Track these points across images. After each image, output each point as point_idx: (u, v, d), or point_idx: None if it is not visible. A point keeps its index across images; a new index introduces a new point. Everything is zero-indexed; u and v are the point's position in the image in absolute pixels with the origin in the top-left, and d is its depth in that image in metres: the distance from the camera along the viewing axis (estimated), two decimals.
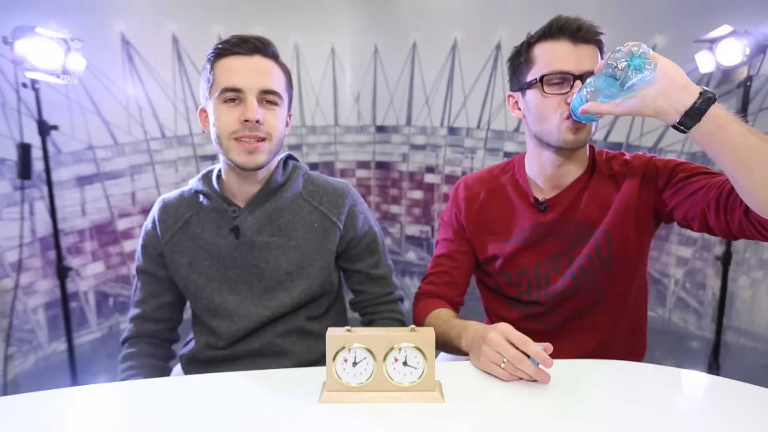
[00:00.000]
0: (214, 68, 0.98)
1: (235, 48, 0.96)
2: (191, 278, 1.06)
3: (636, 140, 2.16)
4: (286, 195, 1.06)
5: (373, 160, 2.59)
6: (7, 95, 1.84)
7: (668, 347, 2.21)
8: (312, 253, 1.06)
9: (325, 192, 1.09)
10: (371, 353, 0.75)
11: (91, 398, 0.81)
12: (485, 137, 2.38)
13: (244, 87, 0.95)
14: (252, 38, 0.97)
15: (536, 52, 0.97)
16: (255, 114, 0.94)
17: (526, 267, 1.08)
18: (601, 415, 0.72)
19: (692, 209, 0.92)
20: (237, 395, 0.78)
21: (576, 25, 0.94)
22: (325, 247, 1.07)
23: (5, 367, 1.94)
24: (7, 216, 1.90)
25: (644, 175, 1.01)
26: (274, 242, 1.04)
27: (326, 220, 1.07)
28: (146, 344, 1.09)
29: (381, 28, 2.41)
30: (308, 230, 1.06)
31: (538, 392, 0.78)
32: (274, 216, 1.05)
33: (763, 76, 1.93)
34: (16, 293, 1.93)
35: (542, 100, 0.96)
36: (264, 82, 0.97)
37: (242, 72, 0.96)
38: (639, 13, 2.02)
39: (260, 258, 1.04)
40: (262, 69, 0.97)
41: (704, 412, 0.73)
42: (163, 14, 2.14)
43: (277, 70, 1.00)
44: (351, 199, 1.10)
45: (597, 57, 0.95)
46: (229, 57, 0.97)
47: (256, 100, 0.96)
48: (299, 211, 1.07)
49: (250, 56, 0.97)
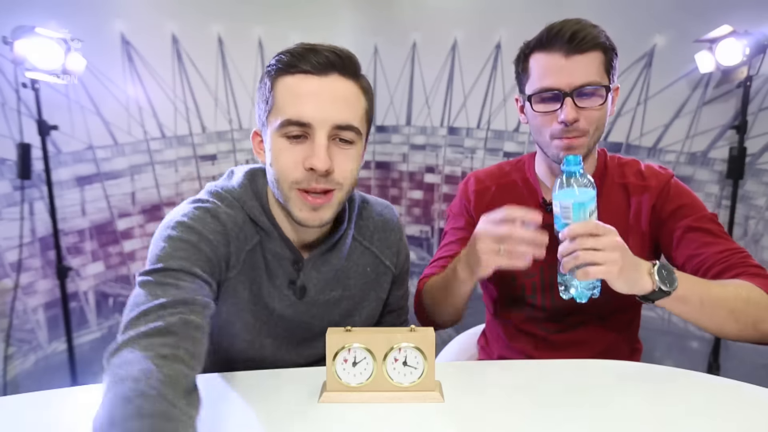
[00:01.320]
0: (275, 87, 0.76)
1: (302, 63, 0.74)
2: (243, 318, 0.84)
3: (636, 140, 2.16)
4: (347, 240, 0.88)
5: (373, 160, 2.59)
6: (7, 95, 1.84)
7: (668, 347, 2.21)
8: (362, 302, 0.92)
9: (376, 228, 0.93)
10: (371, 353, 0.75)
11: (91, 398, 0.81)
12: (485, 137, 2.38)
13: (312, 122, 0.74)
14: (326, 50, 0.75)
15: (531, 63, 0.96)
16: (324, 163, 0.73)
17: (532, 270, 1.02)
18: (601, 415, 0.72)
19: (687, 266, 0.94)
20: (237, 395, 0.78)
21: (569, 33, 0.89)
22: (376, 294, 0.93)
23: (5, 367, 1.94)
24: (7, 216, 1.90)
25: (658, 199, 0.99)
26: (333, 297, 0.88)
27: (379, 264, 0.92)
28: None
29: (381, 28, 2.41)
30: (361, 276, 0.90)
31: (538, 392, 0.78)
32: (337, 267, 0.88)
33: (763, 76, 1.93)
34: (16, 293, 1.93)
35: (535, 116, 0.96)
36: (339, 114, 0.75)
37: (312, 100, 0.74)
38: (639, 13, 2.02)
39: (316, 316, 0.89)
40: (338, 95, 0.75)
41: (704, 412, 0.73)
42: (163, 14, 2.14)
43: (358, 95, 0.78)
44: (400, 232, 0.96)
45: (597, 65, 0.91)
46: (295, 75, 0.75)
47: (328, 138, 0.75)
48: (351, 254, 0.90)
49: (324, 76, 0.75)
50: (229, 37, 2.24)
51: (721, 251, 0.91)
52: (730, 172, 2.03)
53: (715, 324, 0.83)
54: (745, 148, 1.97)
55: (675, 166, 2.12)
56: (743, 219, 2.09)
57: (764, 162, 2.01)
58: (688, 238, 0.94)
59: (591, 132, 0.95)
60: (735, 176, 2.01)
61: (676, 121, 2.10)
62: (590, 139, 0.95)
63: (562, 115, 0.91)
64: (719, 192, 2.10)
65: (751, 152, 1.99)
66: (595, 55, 0.91)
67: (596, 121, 0.94)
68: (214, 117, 2.30)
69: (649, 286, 0.77)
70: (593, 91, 0.92)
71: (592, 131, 0.95)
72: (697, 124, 2.08)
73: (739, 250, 0.92)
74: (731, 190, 2.03)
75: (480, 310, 1.21)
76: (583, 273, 0.75)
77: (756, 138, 1.99)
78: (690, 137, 2.10)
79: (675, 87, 2.07)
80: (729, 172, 2.03)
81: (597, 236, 0.75)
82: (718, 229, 0.95)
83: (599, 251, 0.74)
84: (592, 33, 0.90)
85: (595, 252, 0.74)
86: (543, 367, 0.89)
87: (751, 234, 2.12)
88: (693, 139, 2.09)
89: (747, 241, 2.03)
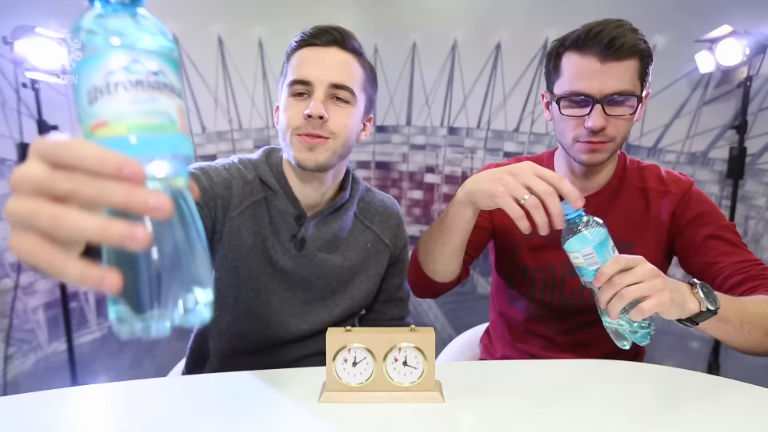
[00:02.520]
0: (290, 61, 0.92)
1: (311, 39, 0.90)
2: (246, 264, 0.95)
3: (636, 140, 2.16)
4: (349, 213, 1.02)
5: (373, 160, 2.59)
6: (7, 95, 1.84)
7: (668, 347, 2.21)
8: (361, 275, 1.03)
9: (377, 211, 1.06)
10: (371, 353, 0.75)
11: (91, 398, 0.81)
12: (485, 137, 2.38)
13: (312, 80, 0.88)
14: (332, 29, 0.91)
15: (563, 63, 0.92)
16: (318, 110, 0.86)
17: (544, 265, 1.05)
18: (601, 415, 0.72)
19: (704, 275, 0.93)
20: (237, 395, 0.78)
21: (608, 39, 0.86)
22: (375, 270, 1.04)
23: (5, 367, 1.94)
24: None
25: (678, 205, 0.98)
26: (330, 260, 1.00)
27: (379, 242, 1.04)
28: None
29: (381, 28, 2.41)
30: (361, 250, 1.03)
31: (538, 392, 0.78)
32: (337, 233, 1.00)
33: (763, 76, 1.93)
34: (16, 293, 1.93)
35: (562, 118, 0.94)
36: (335, 75, 0.88)
37: (313, 64, 0.89)
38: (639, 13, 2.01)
39: (313, 273, 1.00)
40: (335, 61, 0.90)
41: (704, 412, 0.73)
42: (163, 14, 2.12)
43: (355, 65, 0.92)
44: (399, 220, 1.08)
45: (631, 73, 0.88)
46: (304, 48, 0.91)
47: (326, 96, 0.88)
48: (353, 229, 1.03)
49: (326, 48, 0.90)
50: (229, 37, 2.24)
51: (740, 261, 0.90)
52: (730, 172, 2.03)
53: (752, 343, 0.79)
54: (745, 148, 1.97)
55: (675, 166, 2.12)
56: (743, 219, 2.10)
57: (764, 162, 2.01)
58: (706, 246, 0.94)
59: (618, 139, 0.93)
60: (735, 176, 2.01)
61: (676, 121, 2.10)
62: (614, 145, 0.94)
63: (590, 122, 0.89)
64: (719, 192, 2.10)
65: (751, 152, 1.99)
66: (630, 63, 0.88)
67: (623, 129, 0.92)
68: (214, 117, 2.30)
69: (695, 306, 0.72)
70: (624, 100, 0.90)
71: (620, 139, 0.93)
72: (697, 124, 2.08)
73: (757, 261, 0.91)
74: (731, 190, 2.03)
75: (482, 310, 1.21)
76: (638, 311, 0.67)
77: (756, 138, 1.99)
78: (690, 137, 2.10)
79: (675, 87, 2.07)
80: (729, 172, 2.03)
81: (631, 269, 0.68)
82: (737, 239, 0.94)
83: (641, 283, 0.67)
84: (632, 40, 0.87)
85: (638, 285, 0.67)
86: (543, 366, 0.89)
87: (751, 234, 2.13)
88: (693, 139, 2.10)
89: (747, 241, 2.03)
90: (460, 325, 2.31)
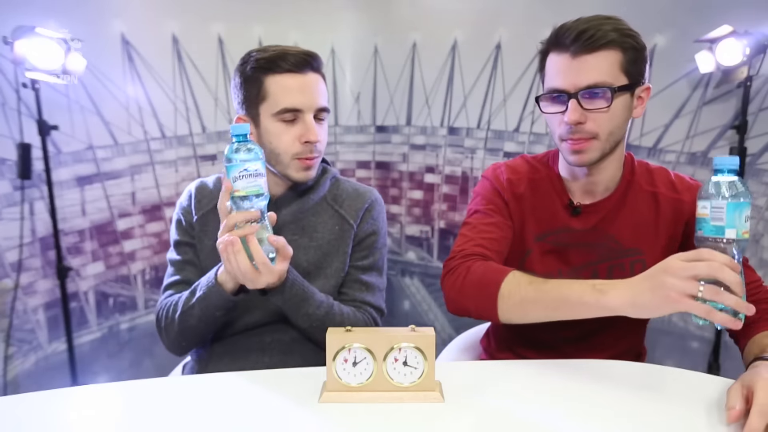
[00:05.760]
0: (266, 83, 0.98)
1: (284, 63, 0.97)
2: (214, 261, 1.00)
3: (636, 140, 2.16)
4: (313, 197, 1.09)
5: (373, 160, 2.59)
6: (7, 95, 1.84)
7: (668, 347, 2.21)
8: (330, 255, 1.08)
9: (348, 196, 1.12)
10: (371, 353, 0.75)
11: (91, 398, 0.81)
12: (485, 137, 2.38)
13: (303, 107, 0.98)
14: (302, 54, 0.99)
15: (547, 63, 0.94)
16: (316, 135, 0.99)
17: (550, 272, 1.02)
18: (601, 415, 0.72)
19: None
20: (237, 395, 0.78)
21: (575, 33, 0.86)
22: (342, 249, 1.09)
23: (5, 367, 1.94)
24: (7, 216, 1.90)
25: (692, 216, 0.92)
26: (296, 241, 1.04)
27: (344, 223, 1.09)
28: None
29: (381, 28, 2.41)
30: (329, 232, 1.08)
31: (538, 392, 0.78)
32: (299, 216, 1.08)
33: (763, 76, 1.93)
34: (16, 293, 1.93)
35: (548, 117, 0.94)
36: (320, 100, 1.00)
37: (300, 92, 0.98)
38: (639, 13, 2.01)
39: None
40: (315, 87, 1.00)
41: (704, 412, 0.73)
42: (163, 14, 2.13)
43: (323, 84, 1.03)
44: (370, 203, 1.12)
45: (608, 64, 0.87)
46: (284, 74, 0.98)
47: (313, 118, 0.99)
48: (322, 213, 1.09)
49: (304, 73, 0.99)
50: (229, 37, 2.24)
51: (748, 282, 0.87)
52: None
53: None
54: (745, 148, 1.96)
55: (675, 166, 2.12)
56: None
57: (764, 162, 2.01)
58: None
59: (603, 136, 0.91)
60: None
61: (676, 121, 2.10)
62: (604, 143, 0.91)
63: (566, 116, 0.89)
64: None
65: (751, 152, 1.99)
66: (606, 54, 0.87)
67: (607, 124, 0.90)
68: (214, 117, 2.29)
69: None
70: (601, 93, 0.88)
71: (605, 135, 0.91)
72: (697, 124, 2.08)
73: (762, 284, 0.92)
74: None
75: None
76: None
77: (756, 138, 1.99)
78: (690, 137, 2.10)
79: (675, 87, 2.07)
80: None
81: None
82: (745, 258, 0.93)
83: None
84: (602, 30, 0.86)
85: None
86: (543, 367, 0.89)
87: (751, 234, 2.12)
88: (693, 139, 2.09)
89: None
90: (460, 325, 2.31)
